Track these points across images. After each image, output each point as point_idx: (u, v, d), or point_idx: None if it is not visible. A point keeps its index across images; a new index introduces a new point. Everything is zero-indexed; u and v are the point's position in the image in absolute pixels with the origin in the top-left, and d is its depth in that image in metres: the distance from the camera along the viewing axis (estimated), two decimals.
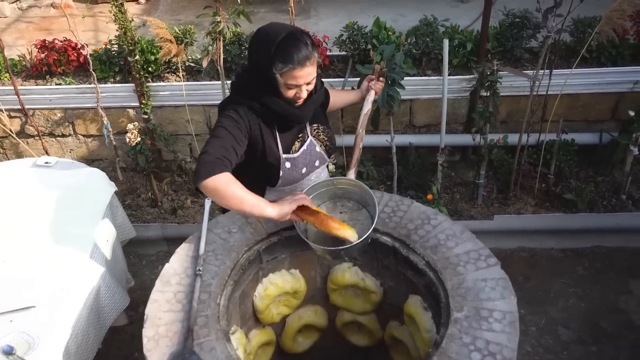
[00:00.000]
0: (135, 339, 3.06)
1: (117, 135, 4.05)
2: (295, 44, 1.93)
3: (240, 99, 2.08)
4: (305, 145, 2.22)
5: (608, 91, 3.90)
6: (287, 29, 1.97)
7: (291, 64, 1.92)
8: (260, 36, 2.01)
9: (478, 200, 3.88)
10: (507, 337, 1.70)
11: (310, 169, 2.28)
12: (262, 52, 1.97)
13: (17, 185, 2.82)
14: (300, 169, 2.23)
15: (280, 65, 1.92)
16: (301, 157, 2.21)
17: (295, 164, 2.20)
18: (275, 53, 1.92)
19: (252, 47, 2.05)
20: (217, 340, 1.75)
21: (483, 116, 3.45)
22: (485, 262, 1.96)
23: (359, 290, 2.31)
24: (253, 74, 2.05)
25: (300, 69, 1.94)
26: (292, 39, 1.94)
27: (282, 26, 2.01)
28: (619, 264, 3.50)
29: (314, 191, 2.11)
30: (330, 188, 2.14)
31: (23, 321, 2.09)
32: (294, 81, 1.97)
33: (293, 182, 2.25)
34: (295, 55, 1.92)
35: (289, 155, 2.18)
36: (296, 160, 2.20)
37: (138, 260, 3.76)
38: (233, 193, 1.88)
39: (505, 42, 3.88)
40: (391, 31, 3.93)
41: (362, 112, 2.38)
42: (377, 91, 2.50)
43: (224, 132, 1.98)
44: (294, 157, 2.19)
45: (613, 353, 2.97)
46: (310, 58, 1.95)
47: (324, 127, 2.30)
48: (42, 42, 4.05)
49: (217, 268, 2.01)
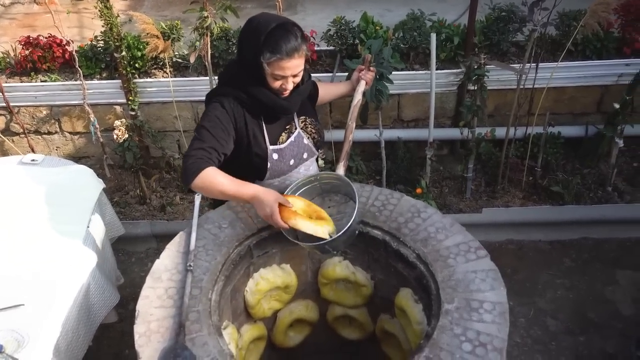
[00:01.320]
0: (125, 336, 3.05)
1: (104, 132, 4.02)
2: (285, 34, 1.93)
3: (226, 90, 2.09)
4: (292, 137, 2.22)
5: (593, 84, 3.94)
6: (279, 20, 1.98)
7: (279, 54, 1.93)
8: (251, 25, 2.01)
9: (466, 194, 3.90)
10: (497, 327, 1.71)
11: (299, 161, 2.28)
12: (251, 41, 1.97)
13: (3, 183, 2.80)
14: (288, 161, 2.23)
15: (269, 54, 1.93)
16: (288, 148, 2.22)
17: (282, 155, 2.20)
18: (265, 42, 1.93)
19: (242, 36, 2.06)
20: (209, 335, 1.75)
21: (471, 110, 3.47)
22: (475, 254, 1.98)
23: (350, 284, 2.32)
24: (241, 64, 2.07)
25: (288, 60, 1.95)
26: (283, 29, 1.94)
27: (273, 17, 2.02)
28: (605, 255, 3.54)
29: (300, 188, 2.12)
30: (315, 184, 2.14)
31: (12, 319, 2.07)
32: (281, 72, 1.98)
33: (281, 174, 2.26)
34: (284, 45, 1.93)
35: (276, 146, 2.18)
36: (283, 152, 2.20)
37: (127, 257, 3.74)
38: (218, 184, 1.95)
39: (492, 36, 3.90)
40: (379, 26, 3.94)
41: (353, 103, 2.37)
42: (367, 82, 2.50)
43: (205, 133, 2.01)
44: (281, 147, 2.19)
45: (601, 343, 3.01)
46: (299, 50, 1.96)
47: (311, 119, 2.30)
48: (26, 39, 4.00)
49: (208, 263, 2.01)
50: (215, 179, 1.95)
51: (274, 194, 1.92)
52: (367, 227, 2.14)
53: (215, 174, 1.95)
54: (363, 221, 2.13)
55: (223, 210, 2.23)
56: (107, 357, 3.03)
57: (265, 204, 1.90)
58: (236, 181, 1.98)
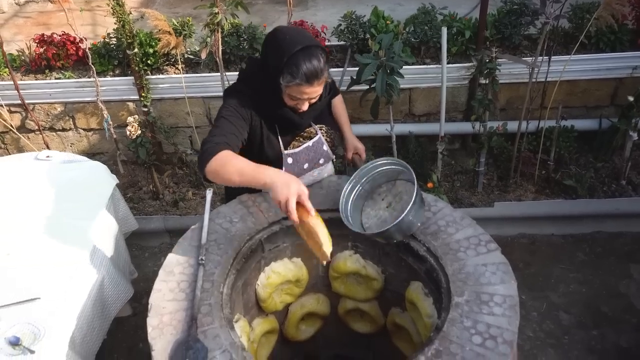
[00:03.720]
0: (139, 330, 3.08)
1: (117, 128, 4.06)
2: (309, 59, 1.87)
3: (244, 88, 2.07)
4: (311, 142, 2.22)
5: (607, 77, 3.90)
6: (305, 41, 1.91)
7: (299, 80, 1.88)
8: (277, 40, 1.95)
9: (478, 188, 3.89)
10: (507, 320, 1.71)
11: (314, 165, 2.29)
12: (274, 58, 1.92)
13: (19, 179, 2.84)
14: (302, 164, 2.24)
15: (289, 77, 1.89)
16: (303, 152, 2.22)
17: (297, 159, 2.21)
18: (287, 64, 1.88)
19: (266, 47, 2.01)
20: (221, 328, 1.77)
21: (482, 104, 3.45)
22: (486, 248, 1.97)
23: (361, 278, 2.33)
24: (262, 70, 2.01)
25: (307, 86, 1.91)
26: (307, 53, 1.88)
27: (300, 35, 1.95)
28: (619, 248, 3.51)
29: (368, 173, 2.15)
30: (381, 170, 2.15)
31: (28, 312, 2.11)
32: (299, 95, 1.95)
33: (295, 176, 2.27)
34: (306, 72, 1.87)
35: (290, 150, 2.19)
36: (298, 156, 2.21)
37: (141, 252, 3.78)
38: (235, 163, 1.86)
39: (504, 30, 3.87)
40: (389, 20, 3.93)
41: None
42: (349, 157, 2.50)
43: (223, 121, 1.99)
44: (295, 152, 2.20)
45: (614, 337, 2.99)
46: (320, 77, 1.92)
47: (328, 127, 2.31)
48: (40, 37, 4.05)
49: (220, 257, 2.02)
50: (231, 160, 1.87)
51: (297, 183, 1.78)
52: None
53: (231, 155, 1.89)
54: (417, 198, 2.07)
55: (234, 205, 2.25)
56: (122, 350, 3.07)
57: (285, 188, 1.75)
58: (253, 163, 1.88)
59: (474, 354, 1.63)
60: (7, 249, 2.41)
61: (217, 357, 1.68)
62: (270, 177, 1.81)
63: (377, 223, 2.11)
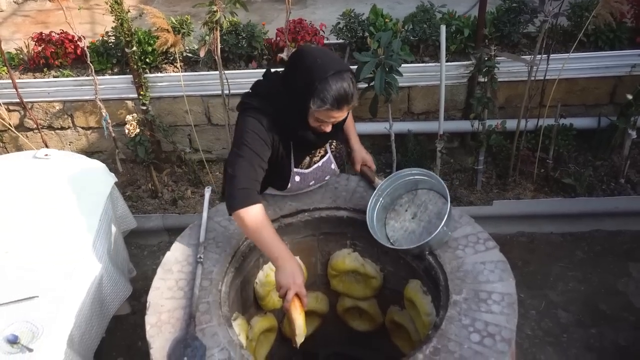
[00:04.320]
0: (138, 328, 3.08)
1: (116, 127, 4.05)
2: (341, 85, 1.84)
3: (266, 106, 1.98)
4: (321, 161, 2.22)
5: (606, 75, 3.90)
6: (336, 66, 1.86)
7: (329, 105, 1.85)
8: (307, 63, 1.88)
9: (477, 186, 3.89)
10: (505, 318, 1.72)
11: (319, 182, 2.30)
12: (304, 81, 1.87)
13: (17, 178, 2.83)
14: (309, 182, 2.24)
15: (319, 102, 1.85)
16: (312, 172, 2.22)
17: (304, 178, 2.21)
18: (319, 90, 1.83)
19: (295, 69, 1.94)
20: (219, 326, 1.77)
21: (481, 102, 3.45)
22: (484, 246, 1.98)
23: (359, 276, 2.33)
24: (289, 89, 1.95)
25: (337, 111, 1.89)
26: (339, 79, 1.84)
27: (331, 59, 1.90)
28: (618, 247, 3.51)
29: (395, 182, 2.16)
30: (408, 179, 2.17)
31: (27, 311, 2.11)
32: (326, 119, 1.93)
33: (298, 190, 2.28)
34: (337, 97, 1.84)
35: (300, 170, 2.18)
36: (306, 176, 2.21)
37: (140, 250, 3.78)
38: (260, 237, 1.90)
39: (503, 28, 3.87)
40: (388, 18, 3.93)
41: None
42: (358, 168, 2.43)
43: (249, 152, 1.93)
44: (304, 172, 2.19)
45: (613, 335, 2.99)
46: (350, 102, 1.89)
47: (337, 143, 2.30)
48: (38, 35, 4.04)
49: (218, 255, 2.03)
50: (257, 222, 1.89)
51: (300, 277, 1.87)
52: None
53: (263, 216, 1.91)
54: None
55: None
56: (120, 348, 3.07)
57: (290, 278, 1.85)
58: (274, 233, 1.92)
59: (472, 352, 1.63)
60: (5, 248, 2.41)
61: (215, 355, 1.68)
62: (282, 259, 1.87)
63: (404, 235, 2.10)
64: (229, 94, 3.59)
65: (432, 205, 2.08)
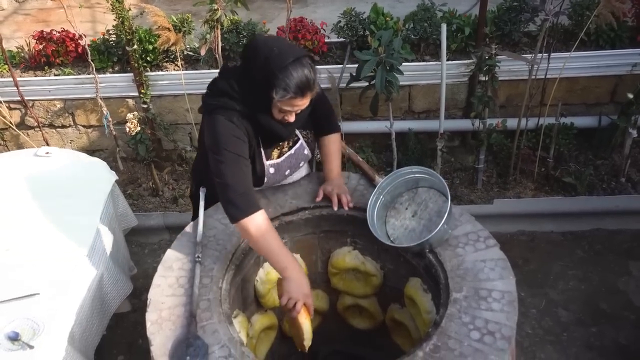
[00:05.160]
0: (139, 326, 3.08)
1: (117, 125, 4.06)
2: (301, 72, 1.83)
3: (231, 104, 1.95)
4: (293, 149, 2.21)
5: (607, 74, 3.89)
6: (295, 53, 1.86)
7: (293, 93, 1.85)
8: (264, 52, 1.86)
9: (477, 185, 3.89)
10: (505, 316, 1.72)
11: (294, 169, 2.29)
12: (264, 72, 1.85)
13: (18, 176, 2.84)
14: (284, 171, 2.24)
15: (282, 92, 1.84)
16: (286, 161, 2.21)
17: (279, 168, 2.20)
18: (280, 79, 1.82)
19: (253, 60, 1.90)
20: (220, 323, 1.78)
21: (482, 101, 3.45)
22: (484, 244, 1.98)
23: (360, 274, 2.33)
24: (249, 83, 1.93)
25: (300, 98, 1.88)
26: (299, 66, 1.83)
27: (287, 47, 1.90)
28: (618, 246, 3.51)
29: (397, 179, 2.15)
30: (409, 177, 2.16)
31: (28, 308, 2.12)
32: (290, 108, 1.92)
33: (275, 183, 2.28)
34: (299, 85, 1.84)
35: (272, 161, 2.17)
36: (280, 165, 2.20)
37: (140, 249, 3.78)
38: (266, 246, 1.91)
39: (504, 26, 3.86)
40: (389, 17, 3.93)
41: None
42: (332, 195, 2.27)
43: (230, 155, 1.91)
44: (278, 162, 2.19)
45: (613, 333, 2.99)
46: (312, 88, 1.89)
47: (307, 131, 2.28)
48: (39, 33, 4.04)
49: (219, 253, 2.03)
50: (267, 232, 1.90)
51: (308, 287, 1.90)
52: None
53: (267, 225, 1.92)
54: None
55: None
56: (121, 346, 3.08)
57: (299, 289, 1.88)
58: (280, 242, 1.94)
59: (472, 350, 1.63)
60: (6, 245, 2.42)
61: (215, 352, 1.68)
62: (290, 269, 1.90)
63: (404, 233, 2.10)
64: None
65: (432, 203, 2.08)
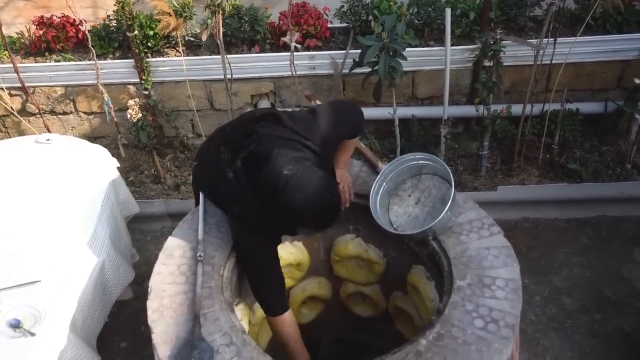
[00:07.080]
0: (141, 313, 3.07)
1: (118, 111, 4.03)
2: (333, 218, 1.76)
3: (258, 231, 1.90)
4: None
5: (613, 59, 3.84)
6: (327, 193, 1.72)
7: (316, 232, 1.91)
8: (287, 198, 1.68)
9: (481, 172, 3.86)
10: (510, 304, 1.70)
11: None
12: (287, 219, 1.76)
13: (20, 163, 2.83)
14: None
15: (306, 231, 1.91)
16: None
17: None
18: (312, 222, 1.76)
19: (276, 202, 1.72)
20: (221, 311, 1.76)
21: (486, 86, 3.41)
22: (488, 231, 1.96)
23: (363, 261, 2.32)
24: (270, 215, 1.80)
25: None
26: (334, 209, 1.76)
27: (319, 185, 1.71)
28: (623, 233, 3.49)
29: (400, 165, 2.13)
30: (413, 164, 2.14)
31: (29, 295, 2.11)
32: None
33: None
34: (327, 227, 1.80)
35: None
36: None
37: (142, 236, 3.78)
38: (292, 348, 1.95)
39: (509, 11, 3.81)
40: (392, 1, 3.87)
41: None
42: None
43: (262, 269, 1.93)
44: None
45: (617, 320, 2.98)
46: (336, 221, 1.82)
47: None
48: (39, 19, 4.01)
49: (220, 240, 2.01)
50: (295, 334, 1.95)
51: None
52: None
53: (295, 327, 1.97)
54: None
55: None
56: (124, 333, 3.08)
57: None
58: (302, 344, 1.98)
59: (475, 338, 1.62)
60: (7, 232, 2.41)
61: (217, 340, 1.67)
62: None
63: (407, 221, 2.08)
64: (232, 78, 3.56)
65: (436, 190, 2.06)
